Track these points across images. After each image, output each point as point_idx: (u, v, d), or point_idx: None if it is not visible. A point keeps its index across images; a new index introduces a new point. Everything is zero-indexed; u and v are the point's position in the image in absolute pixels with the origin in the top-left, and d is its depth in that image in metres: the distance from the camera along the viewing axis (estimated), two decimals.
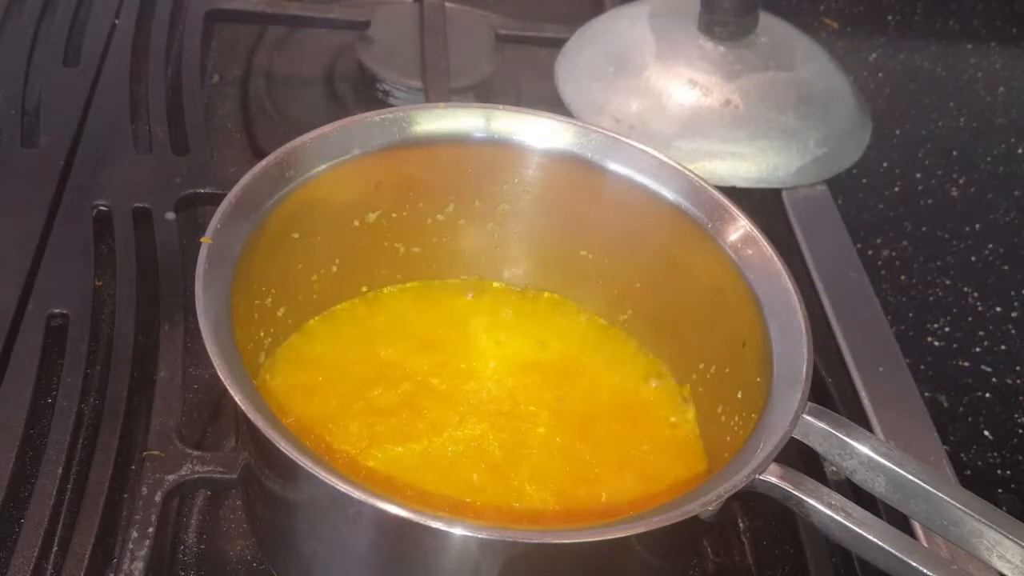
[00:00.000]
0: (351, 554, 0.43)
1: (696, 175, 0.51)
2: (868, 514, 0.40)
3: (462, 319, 0.56)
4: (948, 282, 0.70)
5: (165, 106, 0.70)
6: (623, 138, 0.52)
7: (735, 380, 0.48)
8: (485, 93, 0.77)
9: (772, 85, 0.70)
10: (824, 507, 0.40)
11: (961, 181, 0.79)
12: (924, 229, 0.74)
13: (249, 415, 0.38)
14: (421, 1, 0.81)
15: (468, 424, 0.50)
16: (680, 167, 0.51)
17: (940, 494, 0.41)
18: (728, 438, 0.48)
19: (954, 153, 0.82)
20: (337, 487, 0.36)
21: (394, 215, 0.54)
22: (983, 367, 0.64)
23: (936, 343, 0.65)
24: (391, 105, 0.75)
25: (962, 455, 0.58)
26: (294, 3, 0.81)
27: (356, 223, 0.53)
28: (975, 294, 0.69)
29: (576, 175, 0.53)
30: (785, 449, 0.40)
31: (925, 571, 0.39)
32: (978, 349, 0.65)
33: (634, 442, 0.51)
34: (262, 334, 0.51)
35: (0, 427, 0.49)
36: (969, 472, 0.57)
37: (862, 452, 0.42)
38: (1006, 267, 0.72)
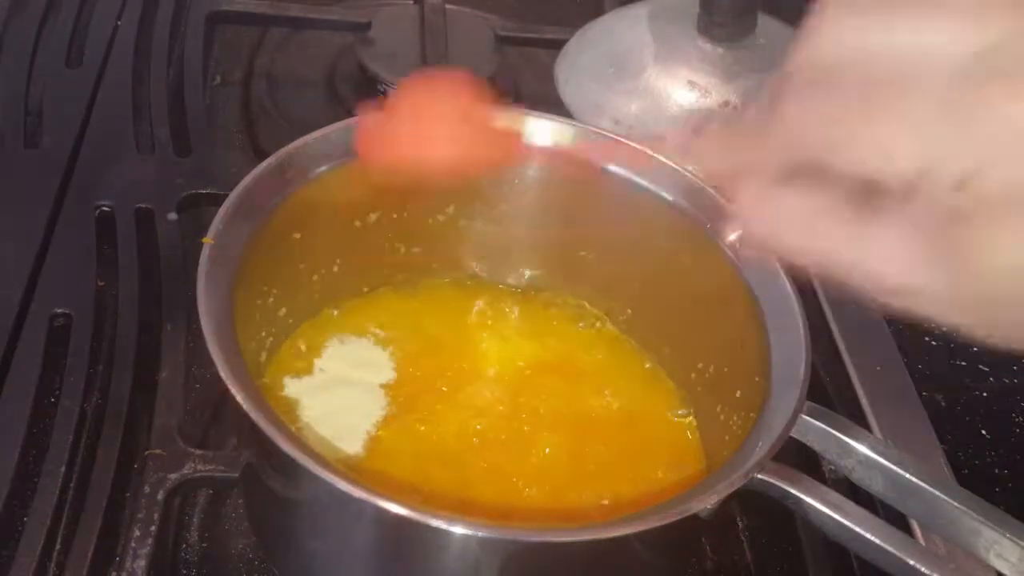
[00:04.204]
0: (352, 552, 0.43)
1: (695, 175, 0.51)
2: (866, 512, 0.40)
3: (462, 319, 0.56)
4: None
5: (167, 107, 0.70)
6: (623, 139, 0.53)
7: (734, 379, 0.49)
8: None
9: None
10: (822, 505, 0.40)
11: None
12: None
13: (251, 414, 0.38)
14: (421, 2, 0.81)
15: (469, 423, 0.50)
16: (679, 167, 0.52)
17: (938, 493, 0.41)
18: (727, 437, 0.48)
19: None
20: (338, 486, 0.37)
21: (395, 215, 0.54)
22: (980, 366, 0.64)
23: (934, 342, 0.65)
24: None
25: (960, 454, 0.58)
26: (295, 5, 0.81)
27: (357, 223, 0.53)
28: None
29: (576, 175, 0.53)
30: (784, 448, 0.41)
31: (923, 569, 0.39)
32: (975, 348, 0.65)
33: (633, 441, 0.51)
34: (263, 334, 0.51)
35: (3, 426, 0.49)
36: (967, 471, 0.57)
37: (860, 451, 0.42)
38: None
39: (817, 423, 0.43)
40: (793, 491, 0.40)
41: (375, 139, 0.43)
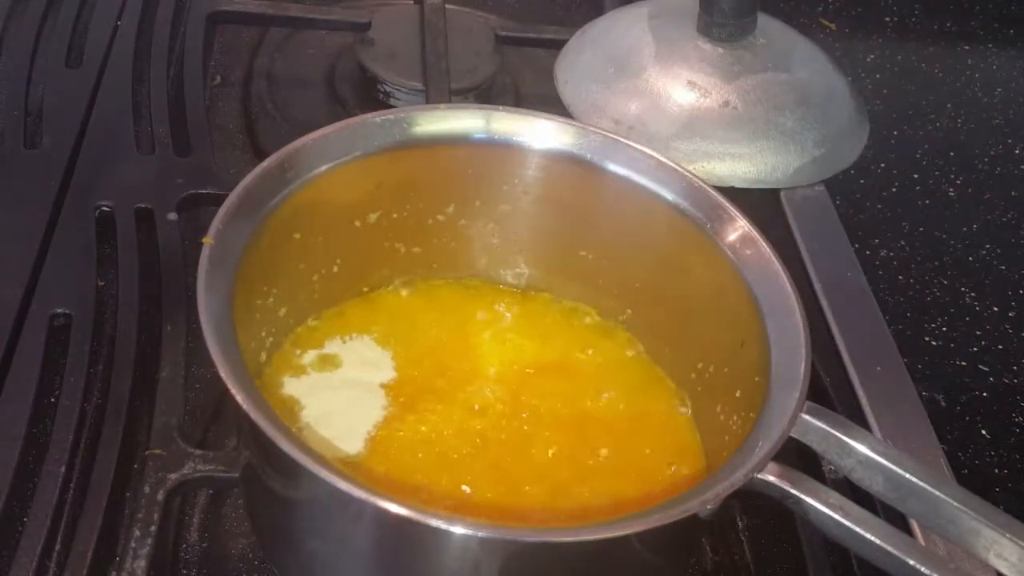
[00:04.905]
0: (352, 552, 0.43)
1: (695, 176, 0.51)
2: (866, 513, 0.40)
3: (462, 320, 0.56)
4: (945, 282, 0.70)
5: (167, 107, 0.70)
6: (622, 139, 0.53)
7: (734, 380, 0.49)
8: (485, 94, 0.77)
9: (770, 86, 0.70)
10: (822, 506, 0.40)
11: (958, 181, 0.79)
12: (922, 229, 0.74)
13: (251, 414, 0.38)
14: (421, 3, 0.81)
15: (469, 424, 0.50)
16: (679, 168, 0.52)
17: (938, 493, 0.41)
18: (727, 437, 0.48)
19: (951, 154, 0.82)
20: (338, 486, 0.37)
21: (395, 215, 0.54)
22: (980, 366, 0.64)
23: (933, 342, 0.65)
24: (392, 106, 0.75)
25: (959, 454, 0.59)
26: (295, 5, 0.81)
27: (357, 223, 0.53)
28: (972, 294, 0.69)
29: (576, 176, 0.53)
30: (784, 448, 0.41)
31: (923, 570, 0.39)
32: (975, 348, 0.65)
33: (633, 441, 0.51)
34: (263, 334, 0.51)
35: (3, 426, 0.49)
36: (966, 471, 0.57)
37: (860, 451, 0.42)
38: (1003, 267, 0.72)
39: (817, 423, 0.43)
40: (793, 491, 0.40)
41: None
